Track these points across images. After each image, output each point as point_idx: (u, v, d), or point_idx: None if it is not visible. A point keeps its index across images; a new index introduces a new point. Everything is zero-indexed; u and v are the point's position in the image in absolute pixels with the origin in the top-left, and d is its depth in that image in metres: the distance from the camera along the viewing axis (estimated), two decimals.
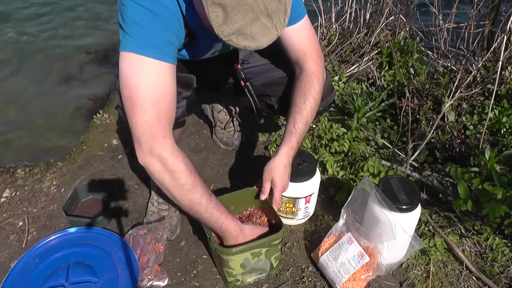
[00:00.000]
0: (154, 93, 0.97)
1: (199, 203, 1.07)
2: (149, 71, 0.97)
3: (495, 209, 1.32)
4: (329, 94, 1.45)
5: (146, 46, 0.95)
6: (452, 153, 1.71)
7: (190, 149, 1.90)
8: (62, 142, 2.08)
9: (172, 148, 1.01)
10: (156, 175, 1.03)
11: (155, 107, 0.98)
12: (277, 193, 1.29)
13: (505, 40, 1.65)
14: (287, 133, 1.27)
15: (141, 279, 1.29)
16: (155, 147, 0.99)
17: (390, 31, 2.54)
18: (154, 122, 0.98)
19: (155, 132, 0.98)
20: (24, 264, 1.32)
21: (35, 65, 2.82)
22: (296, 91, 1.29)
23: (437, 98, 1.89)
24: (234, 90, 1.55)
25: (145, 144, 0.99)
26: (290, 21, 1.23)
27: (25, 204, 1.64)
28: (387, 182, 1.25)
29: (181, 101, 1.24)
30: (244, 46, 0.91)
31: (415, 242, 1.25)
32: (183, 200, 1.07)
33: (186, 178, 1.03)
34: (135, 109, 0.98)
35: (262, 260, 1.24)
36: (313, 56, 1.28)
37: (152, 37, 0.96)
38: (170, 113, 1.02)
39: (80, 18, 3.53)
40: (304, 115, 1.26)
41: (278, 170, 1.26)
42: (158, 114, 0.98)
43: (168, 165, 1.00)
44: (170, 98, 1.02)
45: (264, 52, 1.47)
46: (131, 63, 0.96)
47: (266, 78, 1.46)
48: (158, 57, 0.97)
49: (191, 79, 1.25)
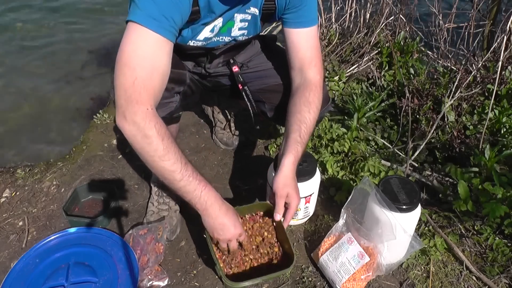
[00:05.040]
0: (135, 58, 0.98)
1: (172, 170, 1.04)
2: (139, 38, 0.98)
3: (495, 209, 1.32)
4: (325, 105, 1.42)
5: (146, 17, 0.97)
6: (452, 153, 1.71)
7: (190, 149, 1.90)
8: (62, 142, 2.08)
9: (144, 113, 0.99)
10: (130, 139, 1.02)
11: (133, 72, 0.98)
12: (294, 207, 1.21)
13: (505, 40, 1.65)
14: (292, 142, 1.20)
15: (141, 279, 1.29)
16: (128, 111, 0.99)
17: (390, 31, 2.54)
18: (129, 86, 0.98)
19: (129, 96, 0.98)
20: (24, 264, 1.32)
21: (35, 65, 2.82)
22: (300, 100, 1.25)
23: (437, 98, 1.89)
24: (231, 92, 1.55)
25: (120, 107, 1.00)
26: (302, 22, 1.23)
27: (25, 204, 1.64)
28: (387, 182, 1.25)
29: (174, 96, 1.24)
30: None
31: (415, 242, 1.25)
32: (156, 167, 1.04)
33: (157, 143, 1.01)
34: (116, 71, 0.99)
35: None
36: (318, 66, 1.27)
37: (155, 9, 0.97)
38: (149, 81, 1.00)
39: (81, 17, 3.53)
40: (308, 124, 1.23)
41: (290, 182, 1.19)
42: (135, 79, 0.98)
43: (140, 129, 0.99)
44: (154, 67, 1.01)
45: (264, 57, 1.46)
46: (129, 30, 0.99)
47: (262, 84, 1.45)
48: (154, 29, 0.98)
49: (183, 74, 1.25)
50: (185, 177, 1.05)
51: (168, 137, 1.03)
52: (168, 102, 1.21)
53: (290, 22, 1.24)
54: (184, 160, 1.06)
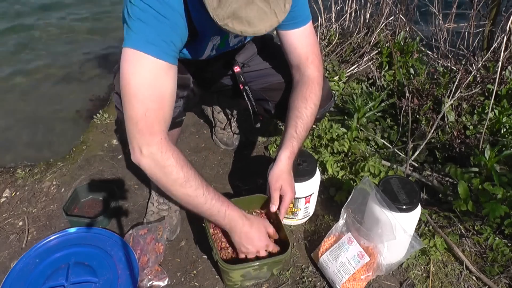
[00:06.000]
0: (143, 89, 0.97)
1: (195, 195, 1.06)
2: (143, 67, 0.96)
3: (495, 209, 1.32)
4: (327, 102, 1.44)
5: (146, 43, 0.96)
6: (452, 153, 1.71)
7: (190, 149, 1.91)
8: (62, 142, 2.08)
9: (159, 144, 1.00)
10: (148, 172, 1.02)
11: (142, 104, 0.97)
12: (288, 200, 1.26)
13: (505, 40, 1.65)
14: (288, 138, 1.24)
15: (141, 279, 1.29)
16: (142, 143, 0.99)
17: (390, 31, 2.54)
18: (140, 118, 0.97)
19: (141, 129, 0.98)
20: (24, 264, 1.32)
21: (35, 65, 2.82)
22: (296, 96, 1.27)
23: (437, 98, 1.89)
24: (233, 92, 1.55)
25: (133, 139, 0.99)
26: (295, 23, 1.23)
27: (25, 204, 1.64)
28: (387, 182, 1.25)
29: (178, 101, 1.23)
30: (240, 31, 0.89)
31: (415, 242, 1.25)
32: (179, 195, 1.05)
33: (177, 172, 1.02)
34: (125, 104, 0.98)
35: (264, 271, 1.24)
36: (315, 62, 1.28)
37: (154, 35, 0.96)
38: (160, 111, 1.00)
39: (81, 17, 3.53)
40: (305, 120, 1.25)
41: (284, 177, 1.24)
42: (146, 111, 0.97)
43: (157, 161, 1.00)
44: (163, 96, 1.00)
45: (265, 56, 1.47)
46: (129, 58, 0.97)
47: (264, 83, 1.45)
48: (156, 55, 0.96)
49: (187, 79, 1.25)
50: (208, 200, 1.08)
51: (186, 164, 1.04)
52: None
53: (284, 24, 1.22)
54: (205, 184, 1.08)
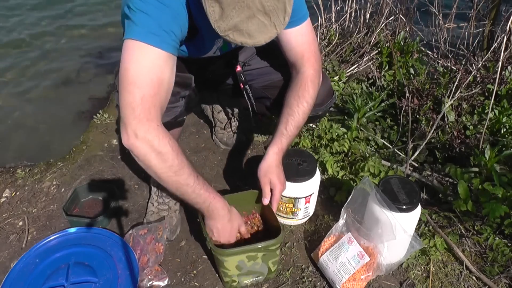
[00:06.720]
0: (141, 75, 0.97)
1: (186, 184, 1.07)
2: (143, 55, 0.97)
3: (495, 209, 1.32)
4: (329, 99, 1.45)
5: (147, 33, 0.96)
6: (452, 153, 1.71)
7: (190, 149, 1.91)
8: (62, 142, 2.07)
9: (157, 130, 1.00)
10: (142, 157, 1.01)
11: (140, 89, 0.97)
12: (277, 193, 1.29)
13: (505, 40, 1.65)
14: (278, 134, 1.28)
15: (141, 279, 1.29)
16: (140, 130, 0.98)
17: (390, 31, 2.54)
18: (137, 104, 0.97)
19: (138, 114, 0.98)
20: (24, 264, 1.32)
21: (34, 65, 2.82)
22: (290, 94, 1.29)
23: (437, 98, 1.89)
24: (233, 91, 1.55)
25: (130, 126, 0.99)
26: (291, 23, 1.22)
27: (25, 204, 1.64)
28: (387, 182, 1.25)
29: (179, 100, 1.24)
30: (240, 42, 0.92)
31: (415, 242, 1.25)
32: (171, 181, 1.06)
33: (173, 159, 1.02)
34: (122, 90, 0.98)
35: (259, 263, 1.24)
36: (310, 60, 1.28)
37: (154, 24, 0.97)
38: (157, 96, 1.00)
39: (80, 17, 3.53)
40: (296, 118, 1.26)
41: (272, 170, 1.27)
42: (142, 96, 0.97)
43: (155, 147, 1.00)
44: (160, 83, 1.01)
45: (266, 54, 1.47)
46: (130, 48, 0.97)
47: (266, 81, 1.46)
48: (156, 44, 0.97)
49: (189, 78, 1.25)
50: (197, 190, 1.10)
51: (181, 152, 1.05)
52: (173, 107, 1.21)
53: None
54: (195, 173, 1.09)
